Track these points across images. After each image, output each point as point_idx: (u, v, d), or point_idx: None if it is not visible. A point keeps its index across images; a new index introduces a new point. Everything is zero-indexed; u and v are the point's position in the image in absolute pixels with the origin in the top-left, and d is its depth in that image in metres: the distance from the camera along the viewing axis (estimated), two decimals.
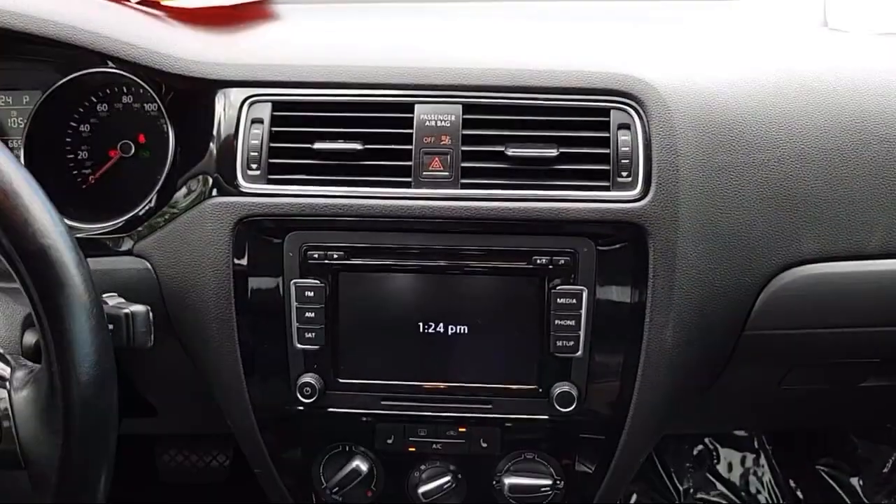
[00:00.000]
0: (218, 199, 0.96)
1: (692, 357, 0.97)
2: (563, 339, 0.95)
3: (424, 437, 1.02)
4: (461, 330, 0.97)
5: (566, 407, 0.96)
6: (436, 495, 1.03)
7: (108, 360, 0.67)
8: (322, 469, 1.05)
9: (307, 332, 0.97)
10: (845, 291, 0.97)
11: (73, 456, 0.65)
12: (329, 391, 0.99)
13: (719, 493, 2.10)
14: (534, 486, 1.02)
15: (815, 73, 1.01)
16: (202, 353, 1.02)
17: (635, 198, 0.92)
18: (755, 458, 2.12)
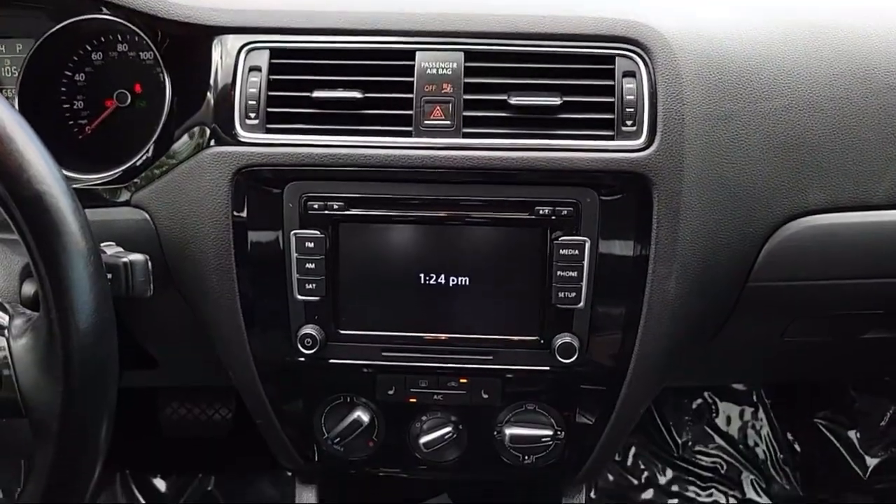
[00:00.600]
0: (216, 149, 0.94)
1: (695, 309, 0.97)
2: (564, 291, 0.94)
3: (425, 389, 1.02)
4: (462, 281, 0.96)
5: (567, 358, 0.96)
6: (437, 445, 1.03)
7: (107, 308, 0.66)
8: (323, 420, 1.05)
9: (307, 284, 0.96)
10: (851, 242, 0.96)
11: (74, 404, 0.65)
12: (330, 342, 0.99)
13: (717, 446, 2.12)
14: (534, 436, 1.03)
15: (823, 20, 0.99)
16: (202, 304, 1.02)
17: (640, 147, 0.90)
18: (754, 412, 2.14)
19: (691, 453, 2.11)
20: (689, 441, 2.13)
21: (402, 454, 1.06)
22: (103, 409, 0.67)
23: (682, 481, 2.08)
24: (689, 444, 2.12)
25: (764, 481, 2.07)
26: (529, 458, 1.05)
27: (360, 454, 1.07)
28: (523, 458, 1.05)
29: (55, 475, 0.66)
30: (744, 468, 2.09)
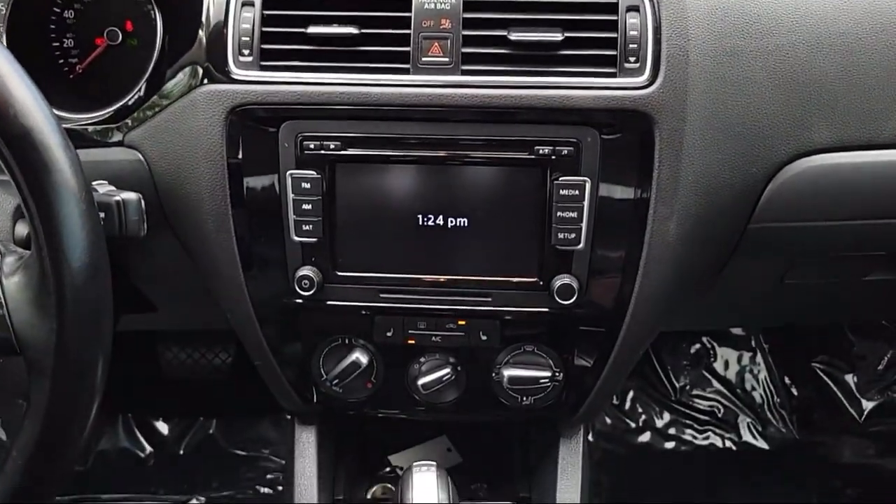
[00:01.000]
0: (209, 88, 0.92)
1: (695, 250, 0.96)
2: (564, 232, 0.93)
3: (424, 330, 1.01)
4: (461, 222, 0.95)
5: (566, 300, 0.95)
6: (435, 387, 1.04)
7: (100, 246, 0.65)
8: (322, 361, 1.05)
9: (304, 225, 0.95)
10: (856, 181, 0.95)
11: (68, 342, 0.65)
12: (327, 284, 0.98)
13: (715, 391, 2.14)
14: (533, 377, 1.03)
15: None
16: (199, 246, 1.01)
17: (642, 84, 0.88)
18: (751, 356, 2.15)
19: (689, 397, 2.13)
20: (687, 385, 2.14)
21: (401, 395, 1.07)
22: (98, 348, 0.67)
23: (680, 424, 2.10)
24: (687, 388, 2.14)
25: (760, 424, 2.09)
26: (527, 399, 1.05)
27: (359, 395, 1.07)
28: (521, 400, 1.05)
29: (52, 412, 0.66)
30: (740, 412, 2.11)
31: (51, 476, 0.69)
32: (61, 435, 0.67)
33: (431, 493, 0.89)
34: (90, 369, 0.66)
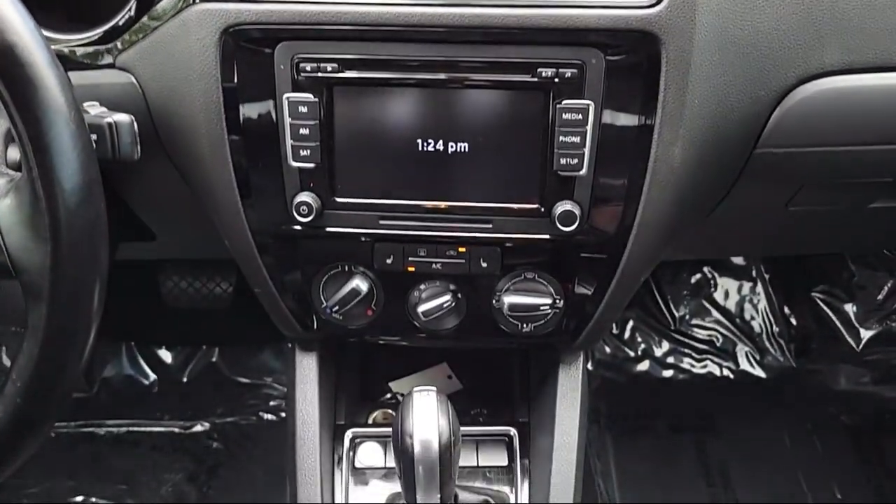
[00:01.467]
0: (202, 6, 0.89)
1: (700, 176, 0.94)
2: (567, 157, 0.91)
3: (424, 258, 1.01)
4: (461, 148, 0.93)
5: (568, 226, 0.94)
6: (435, 314, 1.03)
7: (92, 167, 0.64)
8: (322, 289, 1.05)
9: (302, 150, 0.93)
10: (867, 105, 0.92)
11: (64, 265, 0.64)
12: (326, 210, 0.97)
13: (714, 320, 2.15)
14: (533, 305, 1.03)
15: None
16: (195, 172, 0.99)
17: (649, 3, 0.85)
18: (752, 287, 2.16)
19: (688, 326, 2.14)
20: (687, 315, 2.15)
21: (401, 322, 1.07)
22: (94, 271, 0.66)
23: (678, 353, 2.12)
24: (687, 318, 2.15)
25: (758, 353, 2.11)
26: (528, 326, 1.05)
27: (359, 322, 1.07)
28: (521, 327, 1.05)
29: (49, 336, 0.66)
30: (739, 341, 2.12)
31: (50, 399, 0.69)
32: (60, 358, 0.67)
33: (432, 416, 0.89)
34: (87, 292, 0.66)
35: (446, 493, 0.93)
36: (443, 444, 0.89)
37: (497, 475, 1.13)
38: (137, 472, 1.88)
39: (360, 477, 1.13)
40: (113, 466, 1.89)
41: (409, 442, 0.89)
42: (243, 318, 1.95)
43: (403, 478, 0.92)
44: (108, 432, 1.97)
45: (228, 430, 1.98)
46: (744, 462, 1.88)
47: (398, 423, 0.91)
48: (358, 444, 1.16)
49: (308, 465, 1.08)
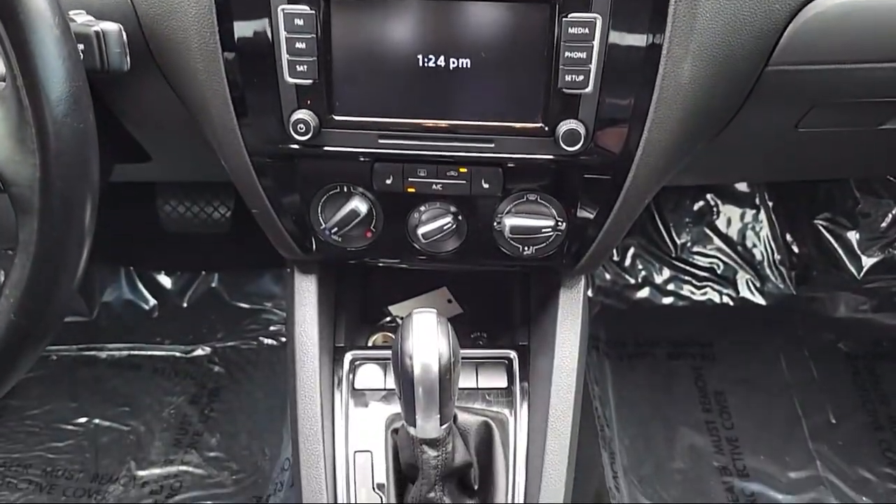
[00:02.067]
0: None
1: (708, 94, 0.91)
2: (572, 74, 0.88)
3: (424, 178, 0.99)
4: (463, 64, 0.90)
5: (572, 146, 0.92)
6: (436, 236, 1.02)
7: (79, 76, 0.61)
8: (320, 209, 1.03)
9: (298, 65, 0.90)
10: (881, 21, 0.89)
11: (53, 177, 0.62)
12: (324, 129, 0.94)
13: (715, 248, 2.14)
14: (535, 227, 1.01)
15: None
16: (189, 90, 0.96)
17: None
18: (755, 214, 2.14)
19: (689, 254, 2.14)
20: (688, 242, 2.15)
21: (401, 245, 1.05)
22: (85, 184, 0.64)
23: (678, 281, 2.12)
24: (688, 246, 2.14)
25: (759, 281, 2.11)
26: (529, 249, 1.04)
27: (358, 244, 1.06)
28: (522, 250, 1.04)
29: (41, 251, 0.65)
30: (740, 268, 2.12)
31: (44, 315, 0.68)
32: (53, 274, 0.66)
33: (431, 337, 0.89)
34: (78, 205, 0.64)
35: (446, 413, 0.93)
36: (443, 365, 0.88)
37: (496, 397, 1.14)
38: (139, 394, 1.90)
39: (359, 398, 1.13)
40: (115, 389, 1.91)
41: (409, 363, 0.88)
42: (242, 243, 1.95)
43: (403, 399, 0.92)
44: (110, 356, 1.99)
45: (229, 354, 2.00)
46: (740, 388, 1.90)
47: (398, 344, 0.90)
48: (357, 365, 1.16)
49: (308, 386, 1.08)
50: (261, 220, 1.07)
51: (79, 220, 0.65)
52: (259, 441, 1.80)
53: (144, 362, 1.97)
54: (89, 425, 1.83)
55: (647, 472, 1.73)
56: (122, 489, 1.71)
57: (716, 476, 1.73)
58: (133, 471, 1.75)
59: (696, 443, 1.79)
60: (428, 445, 0.96)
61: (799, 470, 1.72)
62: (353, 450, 1.08)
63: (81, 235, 0.65)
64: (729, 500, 1.68)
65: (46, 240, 0.64)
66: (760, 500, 1.68)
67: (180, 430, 1.83)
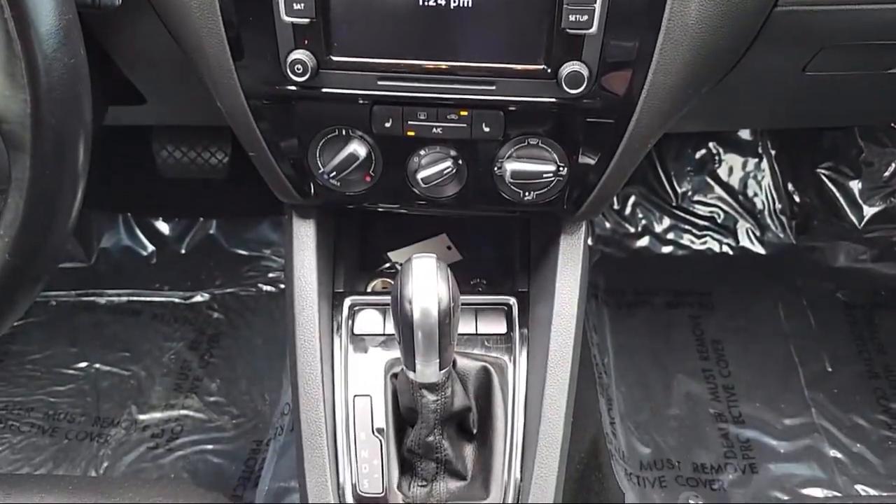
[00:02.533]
0: None
1: (715, 35, 0.89)
2: (576, 13, 0.86)
3: (424, 121, 0.97)
4: (464, 2, 0.88)
5: (575, 89, 0.90)
6: (435, 181, 1.01)
7: (69, 8, 0.60)
8: (319, 153, 1.02)
9: (295, 3, 0.88)
10: None
11: (44, 113, 0.61)
12: (322, 70, 0.92)
13: (716, 196, 2.13)
14: (536, 172, 1.00)
15: None
16: (184, 30, 0.94)
17: None
18: (757, 163, 2.13)
19: (690, 203, 2.13)
20: (689, 191, 2.13)
21: (400, 189, 1.04)
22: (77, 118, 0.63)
23: (678, 230, 2.11)
24: (689, 194, 2.13)
25: (759, 230, 2.10)
26: (529, 194, 1.03)
27: (357, 189, 1.05)
28: (523, 195, 1.03)
29: (35, 188, 0.63)
30: (740, 217, 2.11)
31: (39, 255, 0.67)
32: (47, 213, 0.65)
33: (431, 281, 0.88)
34: (71, 142, 0.63)
35: (445, 358, 0.93)
36: (442, 310, 0.88)
37: (495, 343, 1.14)
38: (139, 340, 1.90)
39: (358, 344, 1.13)
40: (114, 335, 1.91)
41: (409, 307, 0.88)
42: (240, 190, 1.93)
43: (402, 343, 0.92)
44: (109, 301, 1.99)
45: (228, 300, 2.00)
46: (737, 336, 1.90)
47: (397, 289, 0.90)
48: (357, 311, 1.16)
49: (307, 330, 1.08)
50: (258, 163, 1.06)
51: (72, 158, 0.63)
52: (259, 387, 1.82)
53: (143, 308, 1.98)
54: (90, 370, 1.84)
55: (643, 419, 1.75)
56: (124, 432, 1.73)
57: (711, 423, 1.74)
58: (134, 415, 1.76)
59: (693, 390, 1.80)
60: (427, 390, 0.96)
61: (794, 417, 1.74)
62: (352, 394, 1.09)
63: (75, 174, 0.64)
64: (724, 446, 1.70)
65: (40, 178, 0.63)
66: (755, 446, 1.69)
67: (180, 376, 1.84)
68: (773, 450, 1.69)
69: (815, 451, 1.68)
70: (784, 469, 1.66)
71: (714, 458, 1.68)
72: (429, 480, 1.02)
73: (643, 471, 1.66)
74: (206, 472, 1.67)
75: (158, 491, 0.96)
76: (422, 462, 1.01)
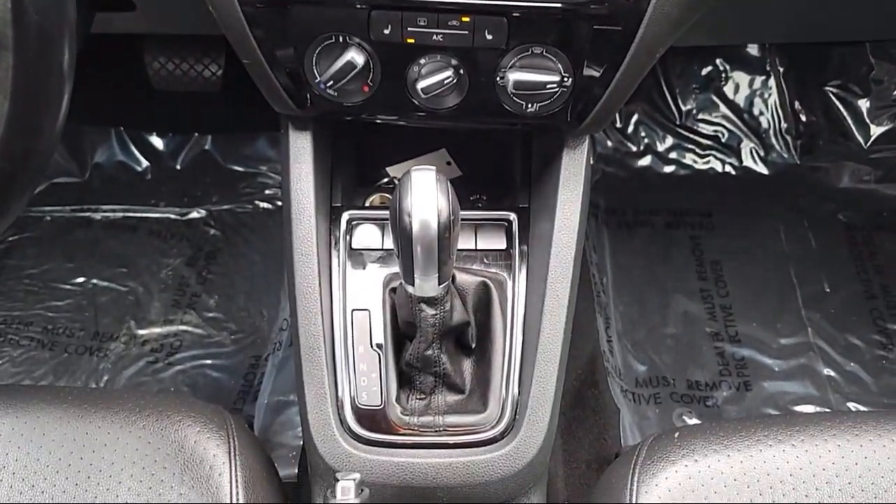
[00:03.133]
0: None
1: None
2: None
3: (424, 28, 0.93)
4: None
5: None
6: (436, 91, 0.97)
7: None
8: (315, 61, 0.98)
9: None
10: None
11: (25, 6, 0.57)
12: None
13: (721, 115, 2.10)
14: (540, 82, 0.96)
15: None
16: None
17: None
18: (764, 80, 2.08)
19: (694, 121, 2.09)
20: (694, 109, 2.09)
21: (399, 100, 1.01)
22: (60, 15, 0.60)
23: (681, 149, 2.08)
24: (693, 113, 2.09)
25: (763, 150, 2.07)
26: (532, 106, 1.00)
27: (355, 99, 1.01)
28: (526, 107, 1.00)
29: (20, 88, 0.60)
30: (745, 137, 2.08)
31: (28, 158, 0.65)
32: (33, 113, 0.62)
33: (431, 194, 0.86)
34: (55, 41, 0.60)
35: (444, 273, 0.92)
36: (442, 223, 0.86)
37: (495, 259, 1.13)
38: (136, 256, 1.90)
39: (356, 258, 1.12)
40: (111, 250, 1.90)
41: (408, 220, 0.86)
42: (234, 104, 1.89)
43: (401, 258, 0.91)
44: (104, 217, 1.97)
45: (225, 217, 1.98)
46: (737, 257, 1.90)
47: (396, 202, 0.88)
48: (355, 225, 1.14)
49: (304, 244, 1.07)
50: (253, 72, 1.02)
51: (57, 57, 0.60)
52: (257, 303, 1.82)
53: (140, 224, 1.96)
54: (87, 285, 1.84)
55: (640, 337, 1.76)
56: (124, 347, 1.74)
57: (707, 341, 1.75)
58: (133, 330, 1.77)
59: (690, 310, 1.81)
60: (426, 304, 0.96)
61: (790, 336, 1.75)
62: (350, 308, 1.08)
63: (61, 73, 0.61)
64: (719, 364, 1.72)
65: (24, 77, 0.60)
66: (750, 365, 1.71)
67: (178, 292, 1.84)
68: (768, 368, 1.70)
69: (809, 369, 1.69)
70: (778, 387, 1.68)
71: (709, 376, 1.70)
72: (427, 394, 1.02)
73: (638, 388, 1.68)
74: (206, 387, 1.69)
75: (159, 402, 0.96)
76: (420, 375, 1.02)
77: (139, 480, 0.88)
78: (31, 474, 0.87)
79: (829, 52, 2.00)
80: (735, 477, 0.87)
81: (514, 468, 0.99)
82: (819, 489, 0.86)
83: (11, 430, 0.90)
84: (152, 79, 1.83)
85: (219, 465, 0.90)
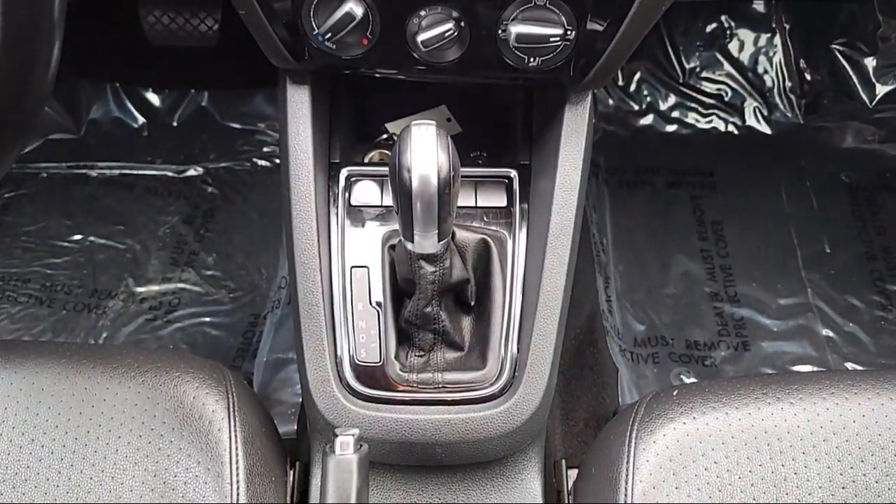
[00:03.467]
0: None
1: None
2: None
3: None
4: None
5: None
6: (436, 44, 0.95)
7: None
8: (313, 13, 0.96)
9: None
10: None
11: None
12: None
13: (725, 73, 2.07)
14: (542, 35, 0.95)
15: None
16: None
17: None
18: (769, 38, 2.05)
19: (697, 80, 2.06)
20: (697, 67, 2.07)
21: (399, 53, 0.99)
22: None
23: (684, 108, 2.06)
24: (697, 71, 2.07)
25: (767, 109, 2.05)
26: (534, 60, 0.98)
27: (354, 52, 0.99)
28: (528, 61, 0.98)
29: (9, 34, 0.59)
30: (748, 96, 2.06)
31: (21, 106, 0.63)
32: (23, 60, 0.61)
33: (431, 150, 0.85)
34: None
35: (444, 229, 0.91)
36: (442, 179, 0.85)
37: (495, 217, 1.12)
38: (133, 213, 1.88)
39: (355, 215, 1.11)
40: (108, 207, 1.89)
41: (407, 176, 0.85)
42: (231, 59, 1.86)
43: (400, 214, 0.90)
44: (101, 174, 1.96)
45: (222, 174, 1.97)
46: (738, 217, 1.89)
47: (395, 157, 0.87)
48: (353, 182, 1.13)
49: (303, 200, 1.06)
50: (249, 23, 1.00)
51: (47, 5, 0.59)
52: (255, 261, 1.81)
53: (137, 181, 1.94)
54: (85, 242, 1.83)
55: (639, 297, 1.76)
56: (122, 304, 1.74)
57: (707, 301, 1.75)
58: (131, 287, 1.76)
59: (690, 270, 1.80)
60: (425, 261, 0.95)
61: (789, 297, 1.75)
62: (349, 265, 1.07)
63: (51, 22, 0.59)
64: (718, 324, 1.72)
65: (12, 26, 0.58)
66: (749, 325, 1.71)
67: (176, 250, 1.83)
68: (767, 328, 1.70)
69: (807, 329, 1.69)
70: (776, 347, 1.68)
71: (707, 336, 1.70)
72: (426, 350, 1.02)
73: (637, 347, 1.68)
74: (205, 344, 1.69)
75: (158, 358, 0.96)
76: (419, 332, 1.01)
77: (138, 435, 0.88)
78: (31, 429, 0.87)
79: (836, 8, 1.96)
80: (733, 434, 0.87)
81: (512, 425, 0.99)
82: (816, 446, 0.86)
83: (10, 384, 0.90)
84: (148, 33, 1.80)
85: (218, 420, 0.90)
